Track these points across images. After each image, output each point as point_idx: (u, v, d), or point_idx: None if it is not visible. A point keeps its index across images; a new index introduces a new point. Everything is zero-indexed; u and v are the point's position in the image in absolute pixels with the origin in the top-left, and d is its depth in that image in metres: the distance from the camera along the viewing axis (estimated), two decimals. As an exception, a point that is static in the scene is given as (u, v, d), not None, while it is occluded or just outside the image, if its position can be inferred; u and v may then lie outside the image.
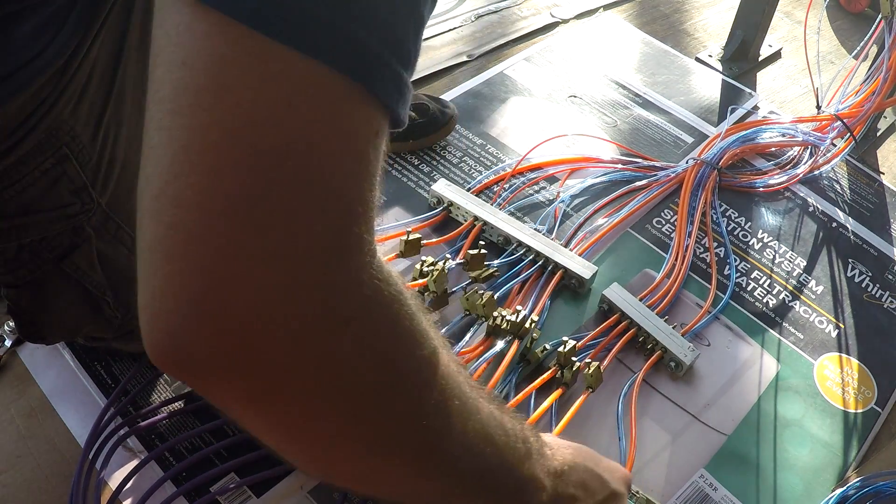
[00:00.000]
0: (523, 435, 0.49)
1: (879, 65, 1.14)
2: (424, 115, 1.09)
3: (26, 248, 0.61)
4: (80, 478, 0.69)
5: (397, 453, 0.38)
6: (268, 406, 0.33)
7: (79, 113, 0.59)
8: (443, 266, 0.88)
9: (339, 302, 0.32)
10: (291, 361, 0.31)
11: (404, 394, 0.37)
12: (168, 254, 0.30)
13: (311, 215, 0.31)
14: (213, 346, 0.30)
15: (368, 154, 0.33)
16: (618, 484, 0.62)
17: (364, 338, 0.33)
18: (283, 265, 0.30)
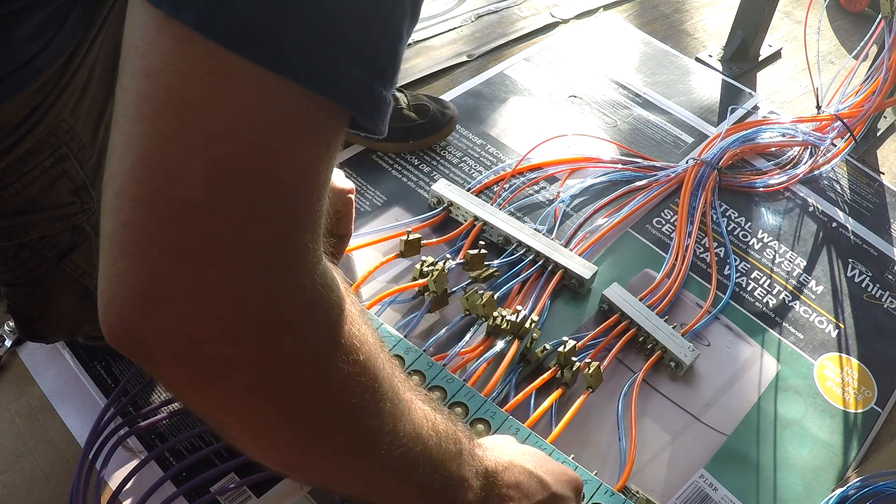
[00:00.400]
0: (455, 437, 0.51)
1: (879, 65, 1.14)
2: (425, 116, 1.09)
3: (26, 247, 0.61)
4: (80, 478, 0.69)
5: (326, 448, 0.41)
6: (207, 394, 0.35)
7: (79, 112, 0.59)
8: (443, 266, 0.88)
9: (281, 306, 0.34)
10: (231, 357, 0.34)
11: (337, 395, 0.39)
12: (123, 248, 0.32)
13: (257, 224, 0.33)
14: (159, 336, 0.33)
15: (318, 167, 0.35)
16: (561, 487, 0.62)
17: (303, 340, 0.36)
18: (228, 268, 0.33)
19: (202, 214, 0.32)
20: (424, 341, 0.85)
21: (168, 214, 0.32)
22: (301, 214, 0.35)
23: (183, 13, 0.31)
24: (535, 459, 0.62)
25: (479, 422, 0.75)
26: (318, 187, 0.35)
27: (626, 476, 0.77)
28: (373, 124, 0.36)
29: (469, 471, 0.52)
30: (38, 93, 0.55)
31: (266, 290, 0.34)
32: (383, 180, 1.06)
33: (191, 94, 0.32)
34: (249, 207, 0.33)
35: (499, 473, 0.56)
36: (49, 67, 0.55)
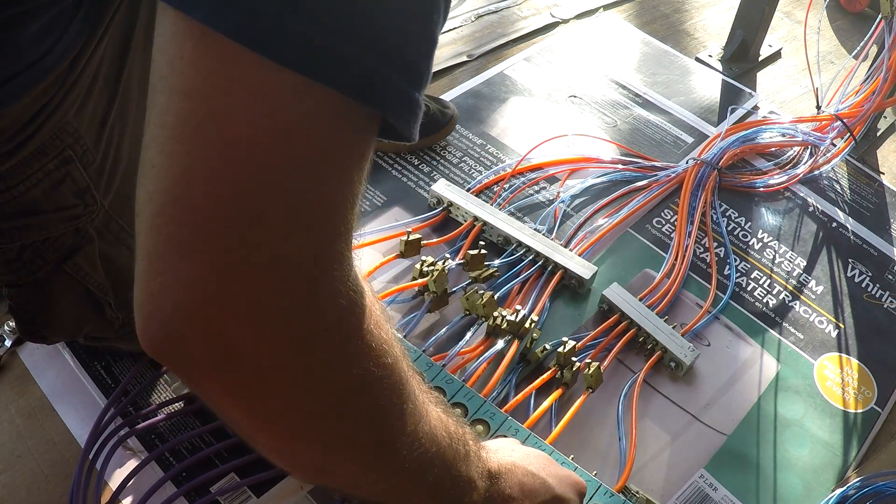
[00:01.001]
0: (463, 438, 0.52)
1: (879, 65, 1.14)
2: (425, 116, 1.07)
3: (29, 249, 0.61)
4: (80, 478, 0.69)
5: (353, 449, 0.42)
6: (244, 403, 0.36)
7: (83, 114, 0.59)
8: (443, 266, 0.88)
9: (319, 313, 0.35)
10: (270, 365, 0.35)
11: (367, 397, 0.40)
12: (166, 264, 0.33)
13: (298, 236, 0.34)
14: (201, 347, 0.33)
15: (354, 178, 0.35)
16: (564, 489, 0.62)
17: (338, 345, 0.36)
18: (269, 280, 0.33)
19: (245, 230, 0.33)
20: (424, 341, 0.85)
21: (212, 231, 0.32)
22: (339, 224, 0.35)
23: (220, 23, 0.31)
24: (538, 462, 0.63)
25: (478, 422, 0.75)
26: (354, 196, 0.36)
27: (626, 476, 0.77)
28: (409, 132, 0.37)
29: (476, 471, 0.53)
30: (43, 95, 0.55)
31: (306, 299, 0.34)
32: (383, 180, 1.06)
33: (233, 113, 0.32)
34: (291, 221, 0.33)
35: (503, 475, 0.57)
36: (54, 70, 0.55)
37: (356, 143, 0.35)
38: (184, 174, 0.32)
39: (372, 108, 0.34)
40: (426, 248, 0.94)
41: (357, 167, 0.36)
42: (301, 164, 0.33)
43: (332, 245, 0.35)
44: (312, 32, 0.32)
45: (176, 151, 0.32)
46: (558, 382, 0.83)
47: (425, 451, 0.45)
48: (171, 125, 0.33)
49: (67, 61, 0.56)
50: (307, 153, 0.33)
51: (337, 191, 0.35)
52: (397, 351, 0.42)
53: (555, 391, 0.82)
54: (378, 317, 0.40)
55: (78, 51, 0.56)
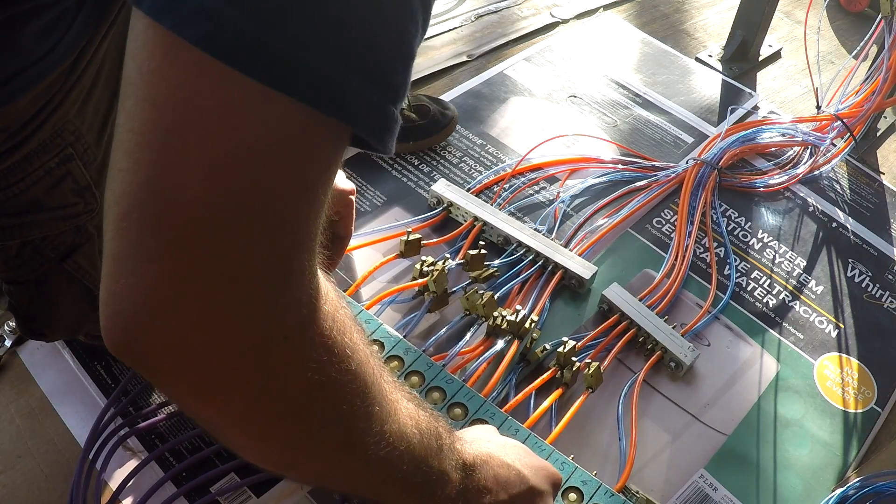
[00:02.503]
0: (436, 432, 0.52)
1: (879, 65, 1.14)
2: (425, 117, 1.09)
3: (28, 246, 0.61)
4: (80, 478, 0.69)
5: (318, 450, 0.43)
6: (207, 404, 0.37)
7: (85, 113, 0.59)
8: (443, 266, 0.88)
9: (278, 321, 0.36)
10: (231, 370, 0.35)
11: (329, 402, 0.40)
12: (129, 267, 0.33)
13: (258, 246, 0.34)
14: (162, 349, 0.34)
15: (317, 190, 0.36)
16: (539, 480, 0.62)
17: (298, 352, 0.37)
18: (229, 288, 0.34)
19: (206, 238, 0.33)
20: (424, 341, 0.85)
21: (173, 238, 0.33)
22: (300, 235, 0.36)
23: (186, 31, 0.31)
24: (515, 452, 0.63)
25: (478, 422, 0.75)
26: (317, 207, 0.36)
27: (626, 476, 0.77)
28: (383, 145, 0.37)
29: (449, 465, 0.53)
30: (45, 93, 0.55)
31: (265, 307, 0.35)
32: (383, 180, 1.06)
33: (197, 123, 0.32)
34: (251, 231, 0.34)
35: (477, 466, 0.57)
36: (56, 68, 0.55)
37: (321, 155, 0.35)
38: (148, 181, 0.33)
39: (339, 121, 0.34)
40: (426, 248, 0.94)
41: (321, 179, 0.36)
42: (264, 175, 0.33)
43: (292, 255, 0.36)
44: (279, 43, 0.32)
45: (142, 158, 0.33)
46: (558, 382, 0.83)
47: (393, 449, 0.46)
48: (138, 131, 0.33)
49: (69, 60, 0.56)
50: (270, 165, 0.33)
51: (299, 202, 0.35)
52: (362, 355, 0.42)
53: (555, 391, 0.82)
54: (343, 323, 0.40)
55: (80, 49, 0.57)
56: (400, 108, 0.37)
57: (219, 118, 0.32)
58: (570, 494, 0.71)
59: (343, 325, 0.40)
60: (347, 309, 0.42)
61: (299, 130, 0.34)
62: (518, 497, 0.59)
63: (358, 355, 0.41)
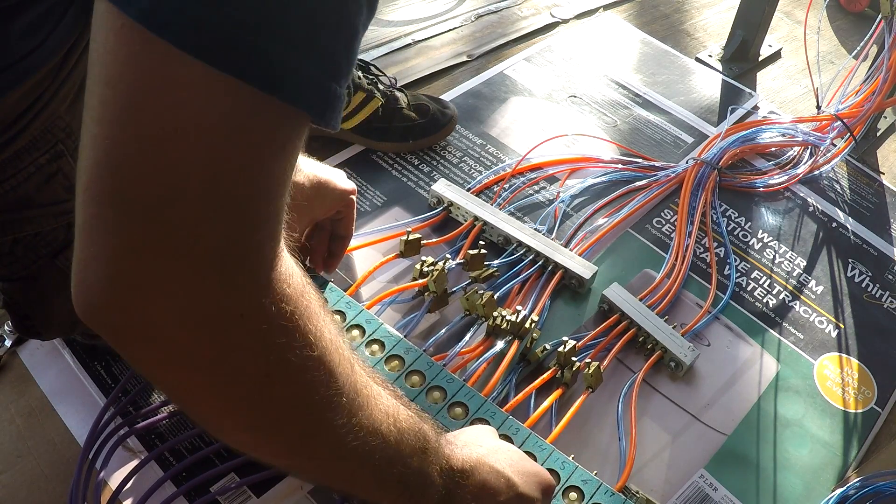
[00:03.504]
0: (420, 433, 0.52)
1: (879, 65, 1.14)
2: (424, 116, 1.09)
3: (21, 243, 0.61)
4: (80, 478, 0.69)
5: (279, 434, 0.43)
6: (168, 375, 0.38)
7: (75, 109, 0.59)
8: (443, 266, 0.88)
9: (233, 299, 0.36)
10: (187, 344, 0.36)
11: (289, 386, 0.41)
12: (90, 238, 0.35)
13: (212, 223, 0.35)
14: (122, 319, 0.36)
15: (273, 168, 0.36)
16: (529, 487, 0.62)
17: (254, 332, 0.38)
18: (182, 263, 0.35)
19: (157, 213, 0.34)
20: (424, 341, 0.85)
21: (126, 212, 0.34)
22: (255, 214, 0.36)
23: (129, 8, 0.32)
24: (507, 458, 0.62)
25: (478, 422, 0.75)
26: (275, 187, 0.37)
27: (626, 476, 0.77)
28: (325, 122, 0.37)
29: (433, 468, 0.53)
30: (34, 90, 0.55)
31: (217, 284, 0.36)
32: (383, 180, 1.06)
33: (147, 102, 0.33)
34: (201, 208, 0.35)
35: (465, 472, 0.57)
36: (44, 65, 0.55)
37: (273, 134, 0.36)
38: (105, 157, 0.34)
39: (277, 98, 0.35)
40: (426, 248, 0.94)
41: (276, 158, 0.36)
42: (208, 153, 0.34)
43: (248, 234, 0.36)
44: (215, 20, 0.32)
45: (99, 135, 0.34)
46: (558, 382, 0.83)
47: (363, 443, 0.46)
48: (96, 109, 0.34)
49: (59, 56, 0.56)
50: (214, 143, 0.34)
51: (250, 181, 0.36)
52: (328, 343, 0.42)
53: (555, 391, 0.82)
54: (308, 308, 0.40)
55: (70, 45, 0.56)
56: (345, 86, 0.38)
57: (166, 96, 0.33)
58: (570, 494, 0.71)
59: (308, 311, 0.40)
60: (317, 296, 0.42)
61: (240, 109, 0.34)
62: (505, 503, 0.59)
63: (322, 343, 0.42)
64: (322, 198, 0.77)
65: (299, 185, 0.72)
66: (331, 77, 0.36)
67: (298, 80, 0.35)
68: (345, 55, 0.37)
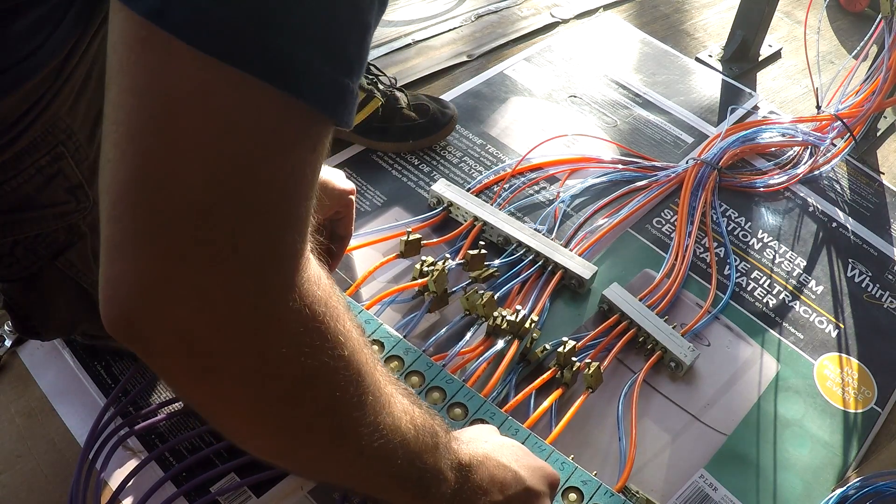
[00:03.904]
0: (432, 430, 0.52)
1: (879, 65, 1.14)
2: (424, 116, 1.09)
3: (21, 244, 0.61)
4: (80, 478, 0.69)
5: (310, 438, 0.43)
6: (201, 386, 0.37)
7: (76, 111, 0.59)
8: (443, 266, 0.88)
9: (270, 304, 0.36)
10: (224, 352, 0.36)
11: (322, 388, 0.41)
12: (123, 252, 0.35)
13: (246, 229, 0.35)
14: (157, 332, 0.35)
15: (305, 170, 0.36)
16: (536, 481, 0.62)
17: (291, 336, 0.38)
18: (219, 271, 0.34)
19: (194, 223, 0.34)
20: (424, 341, 0.85)
21: (162, 223, 0.34)
22: (288, 217, 0.36)
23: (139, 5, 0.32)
24: (512, 453, 0.63)
25: (478, 422, 0.75)
26: (304, 189, 0.37)
27: (626, 476, 0.77)
28: (339, 119, 0.37)
29: (445, 463, 0.53)
30: (35, 91, 0.55)
31: (256, 290, 0.35)
32: (383, 180, 1.06)
33: (176, 110, 0.33)
34: (238, 214, 0.34)
35: (473, 467, 0.57)
36: (45, 66, 0.55)
37: (301, 137, 0.36)
38: (136, 169, 0.34)
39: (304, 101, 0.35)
40: (426, 248, 0.94)
41: (305, 161, 0.36)
42: (242, 159, 0.34)
43: (282, 238, 0.36)
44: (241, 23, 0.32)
45: (128, 148, 0.34)
46: (558, 382, 0.83)
47: (387, 441, 0.46)
48: (122, 121, 0.34)
49: (59, 58, 0.56)
50: (249, 147, 0.34)
51: (283, 184, 0.35)
52: (355, 343, 0.42)
53: (555, 391, 0.82)
54: (336, 309, 0.41)
55: (71, 47, 0.56)
56: (357, 82, 0.38)
57: (194, 103, 0.33)
58: (570, 494, 0.71)
59: (336, 312, 0.40)
60: (341, 296, 0.42)
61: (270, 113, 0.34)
62: (514, 498, 0.59)
63: (351, 343, 0.42)
64: (321, 198, 0.77)
65: None
66: (345, 74, 0.36)
67: (314, 78, 0.35)
68: (357, 52, 0.37)
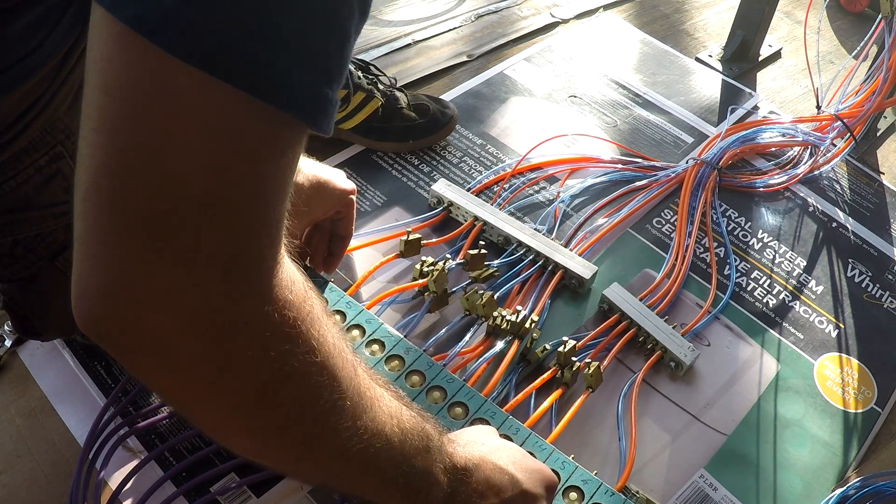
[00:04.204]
0: (423, 433, 0.52)
1: (879, 65, 1.14)
2: (424, 116, 1.09)
3: (20, 244, 0.61)
4: (80, 478, 0.69)
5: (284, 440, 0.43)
6: (170, 384, 0.38)
7: (75, 111, 0.59)
8: (443, 266, 0.88)
9: (236, 307, 0.36)
10: (190, 352, 0.36)
11: (293, 391, 0.41)
12: (88, 248, 0.35)
13: (210, 232, 0.35)
14: (122, 330, 0.35)
15: (274, 174, 0.36)
16: (533, 484, 0.62)
17: (258, 339, 0.37)
18: (183, 272, 0.34)
19: (157, 223, 0.34)
20: (424, 341, 0.85)
21: (127, 222, 0.34)
22: (257, 221, 0.36)
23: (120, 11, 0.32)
24: (509, 455, 0.62)
25: (478, 422, 0.75)
26: (276, 194, 0.36)
27: (626, 476, 0.77)
28: (318, 127, 0.37)
29: (437, 467, 0.53)
30: (33, 91, 0.55)
31: (221, 293, 0.35)
32: (383, 180, 1.06)
33: (144, 110, 0.33)
34: (201, 216, 0.34)
35: (468, 470, 0.57)
36: (43, 67, 0.55)
37: (271, 141, 0.36)
38: (102, 166, 0.34)
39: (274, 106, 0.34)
40: (426, 248, 0.94)
41: (275, 165, 0.36)
42: (207, 161, 0.34)
43: (250, 242, 0.36)
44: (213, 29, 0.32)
45: (97, 143, 0.34)
46: (558, 382, 0.83)
47: (368, 445, 0.46)
48: (94, 118, 0.34)
49: (58, 57, 0.56)
50: (217, 151, 0.34)
51: (250, 189, 0.35)
52: (331, 348, 0.42)
53: (555, 391, 0.82)
54: (310, 314, 0.40)
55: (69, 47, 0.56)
56: (336, 90, 0.37)
57: (162, 104, 0.33)
58: (570, 494, 0.71)
59: (310, 317, 0.40)
60: (319, 301, 0.42)
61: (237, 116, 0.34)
62: (510, 501, 0.59)
63: (326, 347, 0.41)
64: (322, 198, 0.77)
65: (299, 186, 0.72)
66: (324, 82, 0.36)
67: (292, 86, 0.35)
68: (337, 60, 0.37)
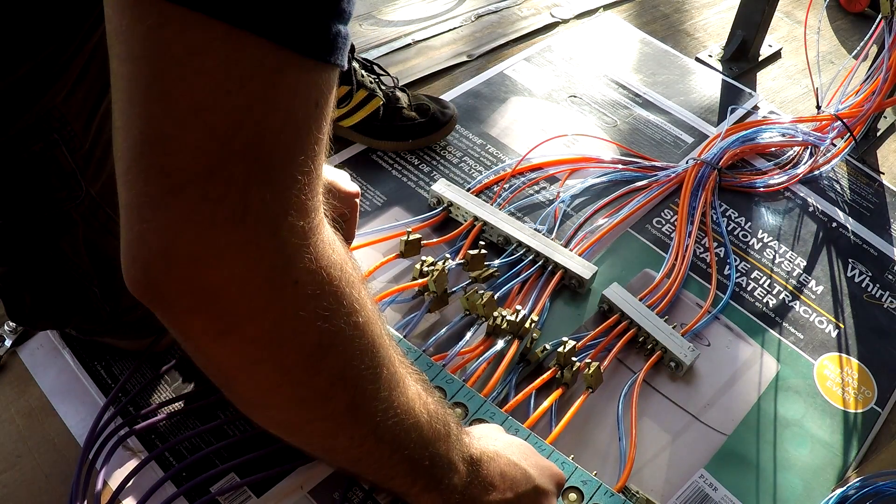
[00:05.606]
0: (445, 419, 0.52)
1: (879, 65, 1.14)
2: (424, 116, 1.09)
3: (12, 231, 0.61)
4: (80, 478, 0.69)
5: (326, 409, 0.42)
6: (220, 345, 0.38)
7: (72, 101, 0.58)
8: (443, 266, 0.88)
9: (287, 264, 0.37)
10: (242, 311, 0.37)
11: (338, 355, 0.41)
12: (140, 215, 0.35)
13: (257, 187, 0.35)
14: (177, 290, 0.36)
15: (309, 125, 0.36)
16: (544, 480, 0.63)
17: (308, 298, 0.38)
18: (233, 230, 0.35)
19: (202, 183, 0.34)
20: (424, 341, 0.85)
21: (173, 185, 0.34)
22: (298, 174, 0.36)
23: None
24: (521, 451, 0.63)
25: (478, 422, 0.75)
26: (312, 144, 0.37)
27: (626, 476, 0.77)
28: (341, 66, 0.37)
29: (456, 455, 0.53)
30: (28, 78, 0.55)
31: (272, 251, 0.36)
32: (383, 180, 1.06)
33: (172, 72, 0.33)
34: (248, 172, 0.35)
35: (484, 462, 0.57)
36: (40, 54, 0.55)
37: (302, 91, 0.36)
38: (141, 135, 0.34)
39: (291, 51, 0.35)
40: (426, 248, 0.94)
41: (309, 116, 0.36)
42: (244, 114, 0.34)
43: (291, 196, 0.36)
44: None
45: (132, 113, 0.34)
46: (558, 382, 0.83)
47: (400, 420, 0.46)
48: (124, 89, 0.34)
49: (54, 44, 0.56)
50: (248, 103, 0.34)
51: (291, 141, 0.36)
52: (370, 313, 0.42)
53: (555, 391, 0.82)
54: (351, 276, 0.41)
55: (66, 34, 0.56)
56: (346, 24, 0.38)
57: (188, 62, 0.33)
58: (570, 494, 0.71)
59: (351, 279, 0.40)
60: (357, 265, 0.43)
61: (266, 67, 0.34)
62: (524, 496, 0.60)
63: (366, 311, 0.42)
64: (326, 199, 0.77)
65: None
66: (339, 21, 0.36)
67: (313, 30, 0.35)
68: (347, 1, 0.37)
